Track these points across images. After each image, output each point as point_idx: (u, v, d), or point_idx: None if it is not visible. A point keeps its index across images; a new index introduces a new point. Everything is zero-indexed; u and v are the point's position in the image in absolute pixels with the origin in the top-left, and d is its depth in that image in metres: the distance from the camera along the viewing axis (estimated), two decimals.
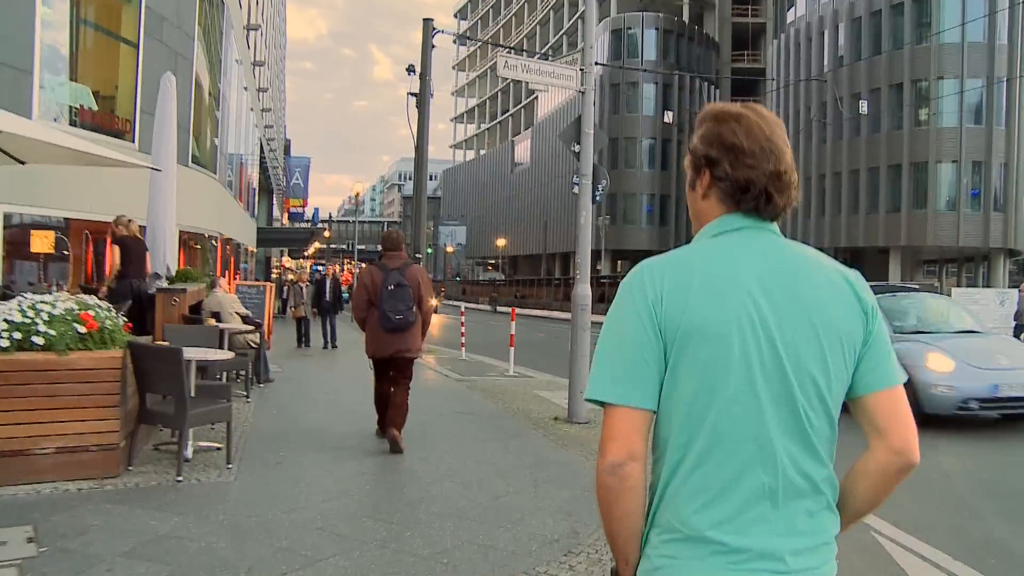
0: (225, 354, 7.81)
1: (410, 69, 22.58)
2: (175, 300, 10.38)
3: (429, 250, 79.65)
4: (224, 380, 11.09)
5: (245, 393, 11.20)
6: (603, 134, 11.34)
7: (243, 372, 11.89)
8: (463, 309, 23.01)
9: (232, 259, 26.17)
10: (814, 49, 56.70)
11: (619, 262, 75.49)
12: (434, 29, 22.59)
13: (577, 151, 10.58)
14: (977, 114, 48.97)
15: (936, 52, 48.62)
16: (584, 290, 10.39)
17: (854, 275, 1.85)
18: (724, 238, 1.83)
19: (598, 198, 10.88)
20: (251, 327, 11.98)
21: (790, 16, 61.10)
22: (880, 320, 1.84)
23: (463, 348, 19.75)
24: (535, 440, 9.17)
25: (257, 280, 32.49)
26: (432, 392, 12.82)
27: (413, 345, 8.46)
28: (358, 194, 41.80)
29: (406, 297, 8.23)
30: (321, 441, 8.62)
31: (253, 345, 12.18)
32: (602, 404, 1.75)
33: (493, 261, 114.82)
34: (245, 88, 30.05)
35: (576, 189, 10.62)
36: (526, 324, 42.55)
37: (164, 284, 10.98)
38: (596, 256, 76.50)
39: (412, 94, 22.78)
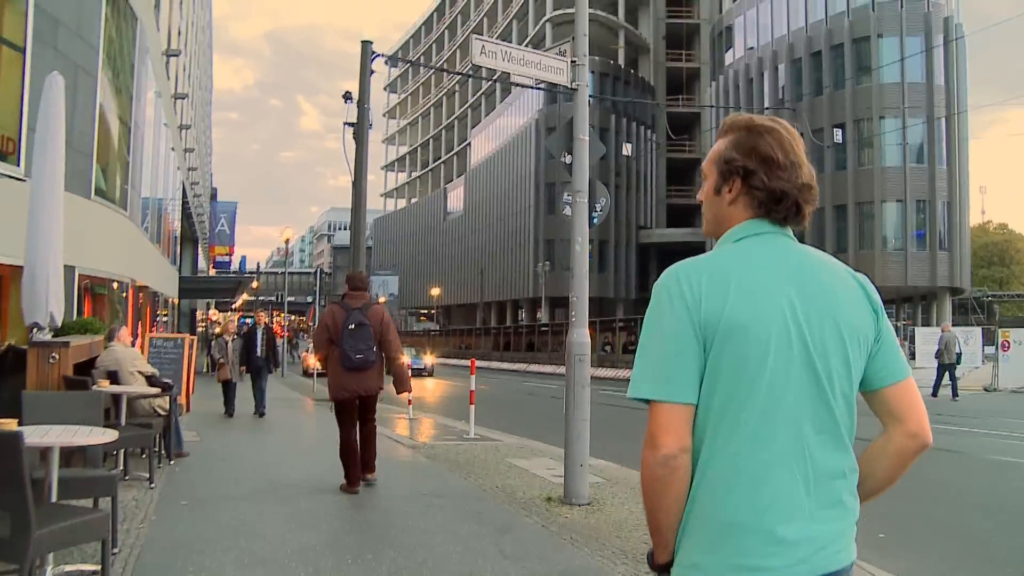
0: (104, 435, 5.36)
1: (347, 96, 20.40)
2: (53, 357, 7.93)
3: None
4: (118, 463, 8.62)
5: (148, 476, 8.63)
6: (599, 142, 9.22)
7: (150, 447, 9.34)
8: (409, 362, 20.17)
9: (148, 310, 23.48)
10: (754, 90, 56.02)
11: (556, 310, 73.63)
12: (373, 53, 20.51)
13: (569, 163, 8.45)
14: (919, 153, 48.49)
15: (877, 92, 48.13)
16: (582, 337, 8.10)
17: (863, 277, 2.02)
18: (749, 242, 1.95)
19: (596, 219, 8.75)
20: (158, 389, 9.52)
21: (728, 58, 60.58)
22: (887, 318, 1.99)
23: (410, 405, 17.41)
24: (533, 533, 6.89)
25: (180, 332, 29.71)
26: (386, 464, 10.49)
27: (375, 383, 8.52)
28: (287, 240, 39.14)
29: (367, 336, 8.29)
30: (248, 548, 6.22)
31: (161, 412, 9.74)
32: (647, 401, 1.84)
33: (425, 311, 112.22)
34: (165, 124, 27.55)
35: (568, 210, 8.48)
36: (466, 375, 40.01)
37: (46, 336, 8.50)
38: (535, 303, 74.73)
39: (349, 124, 20.58)
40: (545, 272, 62.89)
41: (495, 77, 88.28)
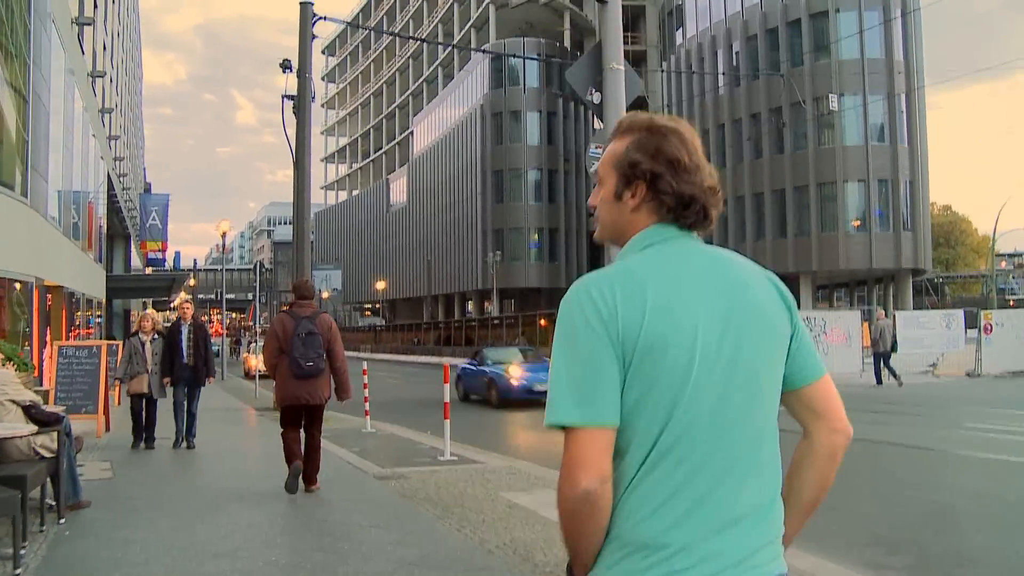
0: None
1: (285, 65, 17.90)
2: None
3: None
4: None
5: (13, 554, 5.82)
6: (635, 75, 6.97)
7: (15, 513, 6.69)
8: (364, 367, 16.74)
9: (64, 313, 20.67)
10: (708, 69, 54.14)
11: (503, 302, 71.42)
12: (314, 15, 18.03)
13: (598, 102, 6.20)
14: (880, 132, 47.11)
15: (836, 68, 46.56)
16: None
17: (771, 274, 1.92)
18: (658, 249, 1.84)
19: None
20: (41, 424, 7.05)
21: (678, 37, 58.64)
22: (798, 315, 1.92)
23: (367, 417, 15.03)
24: None
25: (112, 339, 26.86)
26: (353, 509, 8.14)
27: (323, 391, 8.64)
28: (224, 233, 36.34)
29: (317, 345, 8.40)
30: None
31: (46, 453, 7.26)
32: (564, 428, 1.70)
33: (369, 306, 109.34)
34: (85, 108, 24.77)
35: (593, 166, 6.24)
36: (418, 373, 38.23)
37: None
38: (484, 295, 72.38)
39: (288, 97, 18.07)
40: (496, 262, 60.49)
41: (438, 60, 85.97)
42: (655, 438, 1.71)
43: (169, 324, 13.47)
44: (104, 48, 33.54)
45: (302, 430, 8.73)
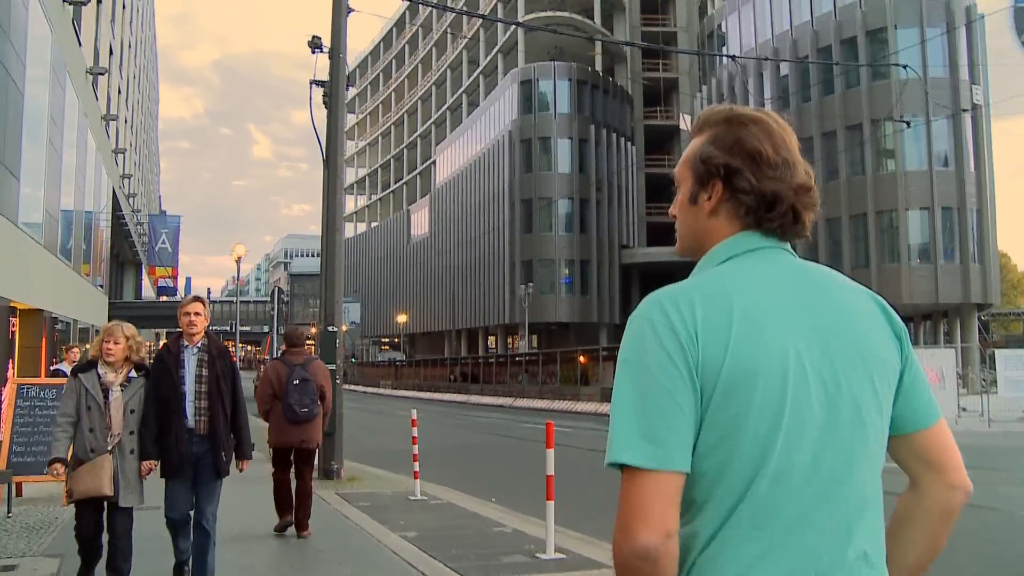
0: None
1: (315, 44, 14.69)
2: None
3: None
4: None
5: None
6: None
7: None
8: (414, 416, 12.64)
9: (44, 343, 17.39)
10: (753, 93, 50.96)
11: (532, 336, 67.95)
12: None
13: None
14: (944, 156, 43.76)
15: (896, 88, 43.26)
16: None
17: (880, 298, 1.67)
18: (742, 261, 1.60)
19: None
20: None
21: (721, 59, 55.44)
22: (910, 345, 1.66)
23: (417, 480, 11.60)
24: None
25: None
26: None
27: (315, 436, 8.80)
28: (239, 258, 33.36)
29: (311, 391, 8.54)
30: None
31: None
32: (622, 467, 1.45)
33: (387, 340, 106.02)
34: (85, 114, 21.95)
35: None
36: (445, 413, 35.07)
37: None
38: (510, 330, 68.91)
39: (317, 83, 14.88)
40: (529, 295, 57.04)
41: (463, 88, 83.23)
42: (740, 492, 1.46)
43: (158, 352, 6.60)
44: (109, 49, 30.89)
45: (293, 474, 8.74)
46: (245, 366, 63.09)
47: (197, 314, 6.29)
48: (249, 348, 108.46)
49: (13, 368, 13.07)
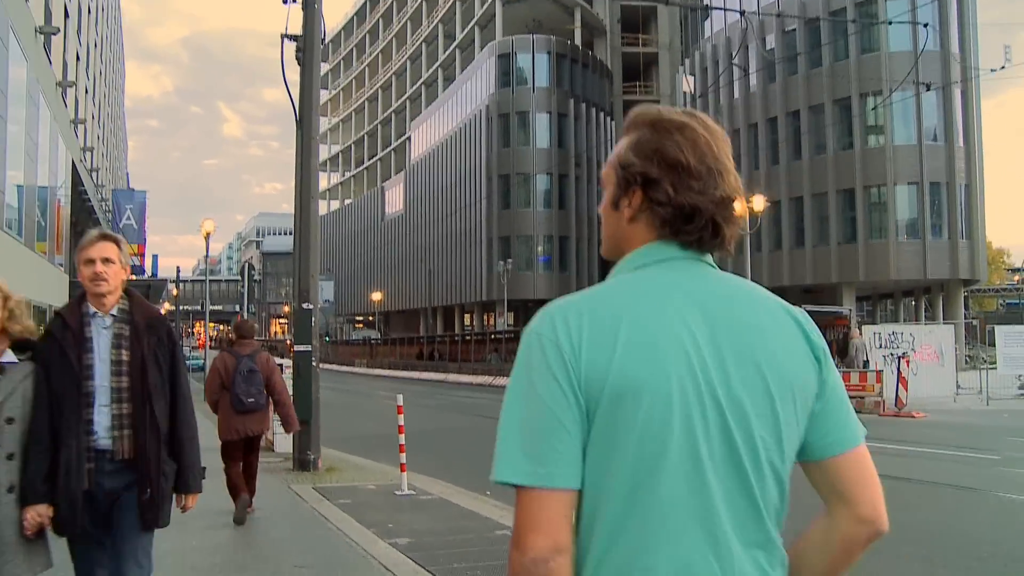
0: None
1: None
2: None
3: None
4: None
5: None
6: None
7: None
8: (400, 404, 11.26)
9: None
10: (739, 65, 49.66)
11: (510, 314, 66.88)
12: None
13: None
14: (934, 130, 42.85)
15: (886, 60, 42.25)
16: None
17: (801, 314, 1.60)
18: (651, 271, 1.55)
19: None
20: None
21: (706, 31, 54.09)
22: (833, 366, 1.59)
23: (404, 472, 10.36)
24: None
25: None
26: None
27: (263, 425, 9.09)
28: (208, 234, 31.95)
29: (257, 382, 8.67)
30: None
31: None
32: (515, 486, 1.45)
33: (361, 318, 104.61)
34: (35, 78, 20.45)
35: None
36: (425, 393, 33.56)
37: None
38: (487, 307, 67.75)
39: (290, 37, 13.51)
40: (507, 271, 55.82)
41: (439, 63, 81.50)
42: (625, 511, 1.44)
43: (47, 327, 3.96)
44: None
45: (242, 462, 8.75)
46: (216, 346, 60.86)
47: (107, 261, 3.82)
48: (222, 328, 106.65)
49: None
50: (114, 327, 3.82)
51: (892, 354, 23.14)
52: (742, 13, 30.43)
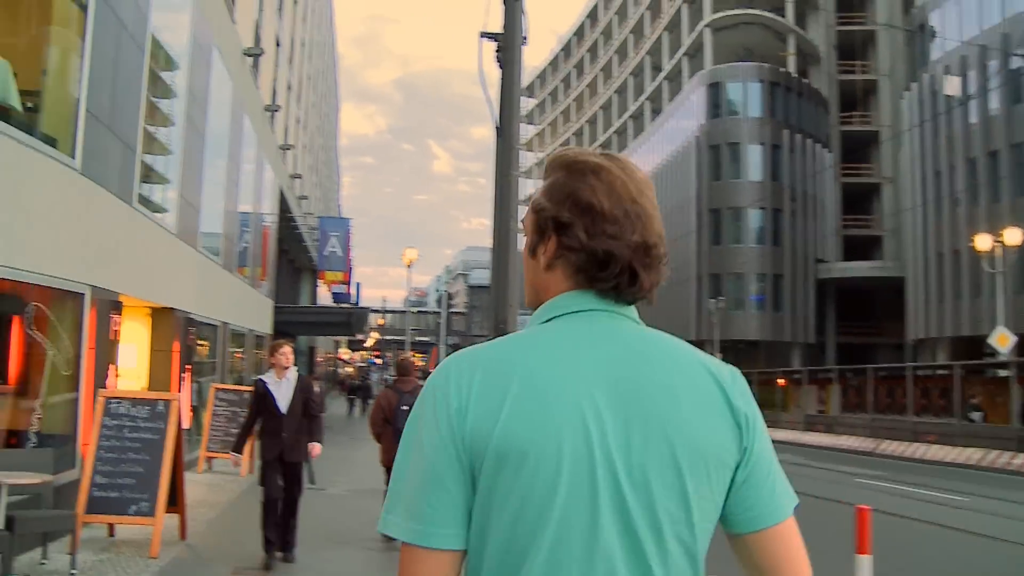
0: None
1: None
2: None
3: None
4: None
5: None
6: None
7: None
8: None
9: (177, 346, 15.03)
10: (973, 89, 45.21)
11: (718, 355, 63.69)
12: None
13: None
14: None
15: None
16: None
17: (728, 374, 1.48)
18: (560, 323, 1.48)
19: None
20: None
21: (934, 53, 49.67)
22: (761, 433, 1.47)
23: None
24: None
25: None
26: None
27: None
28: (410, 263, 31.67)
29: None
30: None
31: None
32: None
33: None
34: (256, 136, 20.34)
35: None
36: None
37: None
38: (701, 347, 64.15)
39: (488, 35, 12.14)
40: (719, 310, 53.02)
41: (646, 95, 79.97)
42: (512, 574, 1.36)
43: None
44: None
45: None
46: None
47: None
48: (417, 357, 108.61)
49: (115, 375, 10.84)
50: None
51: None
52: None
